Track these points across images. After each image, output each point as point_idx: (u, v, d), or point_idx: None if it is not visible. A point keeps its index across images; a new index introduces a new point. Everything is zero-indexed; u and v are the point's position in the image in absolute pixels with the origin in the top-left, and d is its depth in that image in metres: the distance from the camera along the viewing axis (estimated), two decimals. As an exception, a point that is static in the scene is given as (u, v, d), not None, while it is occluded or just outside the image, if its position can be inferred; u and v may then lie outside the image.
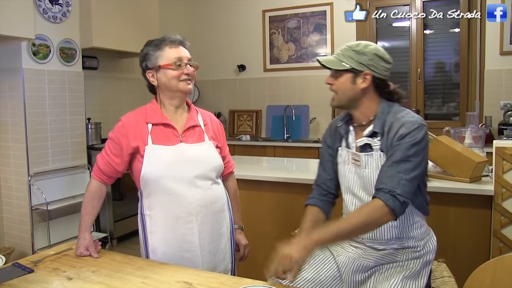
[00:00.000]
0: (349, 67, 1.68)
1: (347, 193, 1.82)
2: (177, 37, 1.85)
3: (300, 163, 3.56)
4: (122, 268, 1.64)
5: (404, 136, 1.59)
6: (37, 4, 3.59)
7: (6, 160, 3.72)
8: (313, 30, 5.34)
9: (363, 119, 1.74)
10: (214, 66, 5.88)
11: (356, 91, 1.70)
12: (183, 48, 1.85)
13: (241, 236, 2.12)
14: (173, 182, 1.78)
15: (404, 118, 1.64)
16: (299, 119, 5.34)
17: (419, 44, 4.90)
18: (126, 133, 1.81)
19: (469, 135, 2.76)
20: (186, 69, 1.81)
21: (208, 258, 1.85)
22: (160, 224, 1.82)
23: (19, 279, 1.56)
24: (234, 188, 2.13)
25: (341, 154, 1.83)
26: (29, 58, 3.58)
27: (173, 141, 1.81)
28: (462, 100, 4.78)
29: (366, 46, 1.69)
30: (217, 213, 1.89)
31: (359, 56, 1.67)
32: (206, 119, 1.96)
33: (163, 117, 1.84)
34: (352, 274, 1.70)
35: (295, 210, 2.76)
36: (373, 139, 1.69)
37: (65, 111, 3.90)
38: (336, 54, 1.74)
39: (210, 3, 5.92)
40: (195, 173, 1.80)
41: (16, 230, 3.73)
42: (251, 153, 4.87)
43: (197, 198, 1.80)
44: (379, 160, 1.67)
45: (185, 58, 1.82)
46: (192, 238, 1.81)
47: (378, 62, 1.68)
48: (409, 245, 1.69)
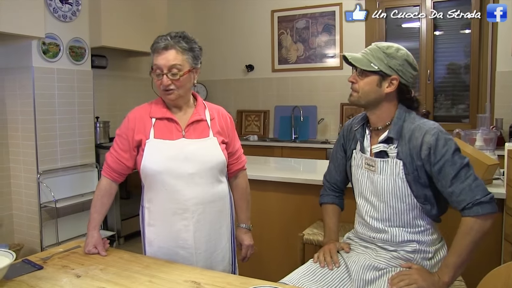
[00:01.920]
0: (378, 69, 1.64)
1: (359, 197, 1.82)
2: (162, 42, 1.73)
3: (307, 163, 3.55)
4: (130, 267, 1.64)
5: (440, 150, 1.56)
6: (48, 3, 3.60)
7: (16, 158, 3.74)
8: (322, 31, 5.33)
9: (380, 123, 1.72)
10: (222, 66, 5.89)
11: (379, 94, 1.67)
12: (168, 54, 1.72)
13: (246, 236, 2.05)
14: (170, 177, 1.76)
15: (426, 125, 1.62)
16: (307, 120, 5.33)
17: (429, 45, 4.86)
18: (132, 127, 1.82)
19: (480, 137, 2.73)
20: (162, 80, 1.73)
21: (204, 257, 1.82)
22: (157, 218, 1.83)
23: (28, 275, 1.57)
24: (244, 186, 2.06)
25: (355, 157, 1.83)
26: (39, 57, 3.60)
27: (175, 135, 1.79)
28: (472, 102, 4.74)
29: (398, 50, 1.66)
30: (217, 212, 1.86)
31: (390, 59, 1.64)
32: (213, 113, 1.90)
33: (167, 112, 1.82)
34: (362, 273, 1.68)
35: (302, 211, 2.75)
36: (389, 145, 1.67)
37: (74, 110, 3.91)
38: (364, 53, 1.70)
39: (219, 3, 5.93)
40: (194, 170, 1.77)
41: (25, 227, 3.76)
42: (259, 153, 4.86)
43: (194, 195, 1.78)
44: (394, 167, 1.65)
45: (164, 67, 1.72)
46: (187, 235, 1.79)
47: (407, 69, 1.65)
48: (421, 249, 1.67)
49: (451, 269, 1.55)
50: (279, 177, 2.84)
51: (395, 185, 1.66)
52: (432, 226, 1.71)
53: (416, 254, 1.67)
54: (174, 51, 1.73)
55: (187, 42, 1.77)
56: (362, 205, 1.79)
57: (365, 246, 1.78)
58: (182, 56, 1.74)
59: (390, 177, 1.66)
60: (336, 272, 1.74)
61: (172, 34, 1.76)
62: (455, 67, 4.96)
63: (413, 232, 1.68)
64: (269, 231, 2.91)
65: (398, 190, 1.66)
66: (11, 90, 3.69)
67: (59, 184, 3.75)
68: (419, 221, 1.68)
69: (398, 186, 1.65)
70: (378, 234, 1.72)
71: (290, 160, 4.03)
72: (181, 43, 1.74)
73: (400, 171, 1.63)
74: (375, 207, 1.72)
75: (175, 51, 1.73)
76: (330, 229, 1.95)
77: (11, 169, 3.78)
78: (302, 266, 1.82)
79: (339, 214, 1.99)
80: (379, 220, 1.72)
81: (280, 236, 2.88)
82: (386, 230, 1.70)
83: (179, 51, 1.74)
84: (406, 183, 1.64)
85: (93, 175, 4.09)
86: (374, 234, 1.74)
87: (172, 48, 1.73)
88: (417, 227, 1.68)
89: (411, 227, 1.68)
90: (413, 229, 1.68)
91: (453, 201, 1.57)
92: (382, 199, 1.70)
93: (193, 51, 1.78)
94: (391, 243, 1.70)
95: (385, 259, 1.68)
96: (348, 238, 1.91)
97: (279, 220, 2.88)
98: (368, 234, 1.77)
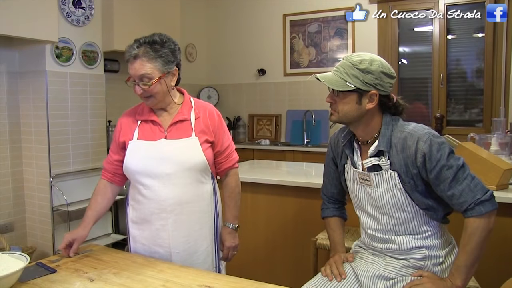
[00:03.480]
0: (354, 87, 1.58)
1: (359, 211, 1.80)
2: (130, 51, 1.74)
3: (319, 168, 3.50)
4: (143, 271, 1.64)
5: (434, 156, 1.52)
6: (61, 8, 3.63)
7: (29, 161, 3.76)
8: (334, 35, 5.31)
9: (367, 136, 1.68)
10: (234, 70, 5.89)
11: (361, 111, 1.62)
12: (136, 63, 1.73)
13: (229, 236, 2.00)
14: (148, 177, 1.80)
15: (416, 132, 1.58)
16: (319, 124, 5.31)
17: (442, 49, 4.82)
18: (119, 129, 1.90)
19: (495, 141, 2.70)
20: (134, 89, 1.80)
21: (183, 258, 1.83)
22: (139, 215, 1.87)
23: (42, 278, 1.57)
24: (233, 185, 2.02)
25: (348, 172, 1.79)
26: (52, 61, 3.63)
27: (157, 136, 1.83)
28: (486, 106, 4.68)
29: (371, 63, 1.58)
30: (197, 213, 1.86)
31: (365, 75, 1.57)
32: (199, 112, 1.89)
33: (151, 114, 1.86)
34: (372, 283, 1.65)
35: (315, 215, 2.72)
36: (380, 158, 1.63)
37: (87, 114, 3.93)
38: (337, 71, 1.63)
39: (231, 7, 5.94)
40: (171, 170, 1.79)
41: (37, 230, 3.77)
42: (270, 157, 4.85)
43: (171, 196, 1.80)
44: (389, 179, 1.62)
45: (135, 77, 1.75)
46: (165, 235, 1.83)
47: (384, 80, 1.59)
48: (431, 255, 1.64)
49: (462, 272, 1.53)
50: (292, 181, 2.83)
51: (394, 196, 1.63)
52: (440, 228, 1.68)
53: (427, 261, 1.64)
54: (140, 61, 1.73)
55: (155, 49, 1.75)
56: (364, 218, 1.77)
57: (374, 254, 1.76)
58: (151, 64, 1.74)
59: (387, 190, 1.63)
60: (346, 283, 1.71)
61: (141, 41, 1.76)
62: (468, 71, 4.92)
63: (421, 238, 1.65)
64: (281, 236, 2.89)
65: (398, 201, 1.63)
66: (25, 94, 3.72)
67: (71, 188, 3.77)
68: (425, 227, 1.65)
69: (397, 197, 1.62)
70: (385, 244, 1.70)
71: (302, 165, 4.01)
72: (148, 52, 1.73)
73: (397, 182, 1.60)
74: (377, 219, 1.70)
75: (141, 60, 1.73)
76: (335, 242, 1.92)
77: (24, 173, 3.81)
78: (312, 280, 1.79)
79: (342, 225, 1.96)
80: (384, 231, 1.69)
81: (293, 241, 2.86)
82: (393, 240, 1.68)
83: (145, 60, 1.73)
84: (405, 192, 1.61)
85: (105, 178, 4.10)
86: (381, 245, 1.71)
87: (139, 58, 1.73)
88: (424, 233, 1.65)
89: (417, 233, 1.65)
90: (420, 235, 1.65)
91: (454, 204, 1.55)
92: (383, 212, 1.67)
93: (162, 57, 1.76)
94: (400, 252, 1.67)
95: (395, 268, 1.66)
96: (357, 246, 1.90)
97: (291, 225, 2.86)
98: (375, 245, 1.74)
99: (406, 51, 5.15)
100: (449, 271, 1.62)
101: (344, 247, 1.93)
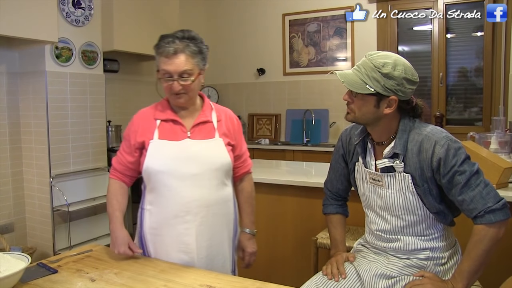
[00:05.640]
0: (374, 91, 1.53)
1: (368, 209, 1.79)
2: (170, 47, 1.65)
3: (319, 167, 3.52)
4: (145, 271, 1.64)
5: (449, 161, 1.51)
6: (61, 8, 3.63)
7: (29, 162, 3.76)
8: (333, 34, 5.31)
9: (383, 137, 1.65)
10: (233, 70, 5.90)
11: (378, 114, 1.58)
12: (178, 58, 1.66)
13: (249, 242, 1.98)
14: (173, 178, 1.71)
15: (434, 135, 1.56)
16: (318, 123, 5.31)
17: (441, 48, 4.82)
18: (135, 129, 1.80)
19: (495, 140, 2.71)
20: (172, 86, 1.69)
21: (205, 263, 1.76)
22: (158, 220, 1.77)
23: (43, 279, 1.57)
24: (249, 189, 2.01)
25: (359, 171, 1.77)
26: (52, 61, 3.63)
27: (180, 136, 1.75)
28: (486, 105, 4.69)
29: (395, 67, 1.52)
30: (220, 216, 1.80)
31: (386, 80, 1.51)
32: (220, 115, 1.86)
33: (172, 113, 1.79)
34: (374, 282, 1.65)
35: (315, 214, 2.73)
36: (394, 160, 1.60)
37: (86, 114, 3.93)
38: (358, 70, 1.57)
39: (230, 7, 5.93)
40: (198, 171, 1.72)
41: (38, 231, 3.77)
42: (270, 157, 4.85)
43: (197, 198, 1.72)
44: (402, 182, 1.60)
45: (175, 73, 1.67)
46: (189, 239, 1.73)
47: (406, 86, 1.54)
48: (434, 256, 1.64)
49: (465, 277, 1.52)
50: (292, 180, 2.83)
51: (405, 199, 1.62)
52: (446, 231, 1.68)
53: (429, 261, 1.64)
54: (184, 56, 1.67)
55: (196, 44, 1.71)
56: (371, 217, 1.76)
57: (376, 253, 1.76)
58: (192, 60, 1.69)
59: (399, 192, 1.62)
60: (348, 281, 1.71)
61: (179, 36, 1.69)
62: (467, 70, 4.92)
63: (426, 239, 1.65)
64: (282, 235, 2.89)
65: (409, 204, 1.62)
66: (25, 94, 3.72)
67: (71, 188, 3.77)
68: (431, 229, 1.65)
69: (409, 200, 1.61)
70: (390, 243, 1.70)
71: (302, 164, 4.01)
72: (190, 47, 1.68)
73: (410, 185, 1.59)
74: (386, 220, 1.69)
75: (185, 56, 1.67)
76: (336, 240, 1.91)
77: (24, 173, 3.81)
78: (314, 278, 1.79)
79: (344, 223, 1.95)
80: (390, 232, 1.69)
81: (293, 240, 2.86)
82: (398, 239, 1.67)
83: (189, 55, 1.68)
84: (417, 195, 1.60)
85: (105, 178, 4.09)
86: (386, 244, 1.71)
87: (182, 52, 1.67)
88: (430, 235, 1.65)
89: (424, 235, 1.65)
90: (426, 237, 1.65)
91: (464, 209, 1.54)
92: (392, 213, 1.66)
93: (202, 53, 1.73)
94: (403, 252, 1.67)
95: (398, 267, 1.66)
96: (359, 244, 1.89)
97: (292, 224, 2.87)
98: (379, 244, 1.74)
99: (405, 50, 5.15)
100: (451, 272, 1.62)
101: (345, 245, 1.93)
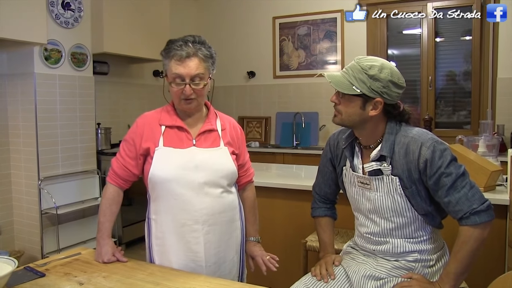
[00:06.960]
0: (360, 92, 1.56)
1: (358, 212, 1.80)
2: (183, 50, 1.65)
3: (309, 170, 3.53)
4: (134, 274, 1.63)
5: (436, 163, 1.53)
6: (50, 10, 3.61)
7: (17, 164, 3.73)
8: (323, 37, 5.34)
9: (370, 141, 1.67)
10: (224, 73, 5.88)
11: (364, 116, 1.60)
12: (191, 62, 1.66)
13: (257, 248, 1.96)
14: (180, 186, 1.69)
15: (420, 137, 1.58)
16: (308, 126, 5.33)
17: (430, 52, 4.87)
18: (140, 133, 1.76)
19: (482, 143, 2.73)
20: (184, 90, 1.67)
21: (213, 270, 1.76)
22: (165, 230, 1.75)
23: (30, 283, 1.55)
24: (252, 199, 2.00)
25: (346, 175, 1.78)
26: (41, 63, 3.60)
27: (185, 144, 1.74)
28: (474, 109, 4.74)
29: (381, 70, 1.55)
30: (226, 223, 1.79)
31: (372, 82, 1.55)
32: (225, 123, 1.86)
33: (177, 120, 1.77)
34: (363, 283, 1.67)
35: (305, 217, 2.73)
36: (381, 162, 1.62)
37: (76, 116, 3.91)
38: (345, 72, 1.62)
39: (221, 10, 5.94)
40: (205, 179, 1.71)
41: (25, 234, 3.74)
42: (260, 160, 4.85)
43: (205, 206, 1.71)
44: (390, 184, 1.62)
45: (187, 76, 1.65)
46: (198, 247, 1.73)
47: (392, 89, 1.57)
48: (422, 258, 1.66)
49: (452, 278, 1.54)
50: (281, 183, 2.83)
51: (394, 201, 1.63)
52: (434, 233, 1.70)
53: (418, 263, 1.66)
54: (197, 60, 1.67)
55: (207, 48, 1.72)
56: (361, 220, 1.77)
57: (365, 255, 1.77)
58: (205, 64, 1.70)
59: (387, 194, 1.63)
60: (337, 282, 1.72)
61: (190, 39, 1.69)
62: (456, 74, 4.97)
63: (415, 242, 1.67)
64: (271, 237, 2.89)
65: (397, 206, 1.63)
66: (13, 96, 3.69)
67: (60, 191, 3.74)
68: (420, 232, 1.66)
69: (397, 202, 1.63)
70: (379, 246, 1.71)
71: (291, 167, 4.02)
72: (202, 51, 1.68)
73: (398, 187, 1.61)
74: (375, 222, 1.70)
75: (199, 59, 1.67)
76: (325, 243, 1.93)
77: (12, 176, 3.77)
78: (303, 278, 1.80)
79: (332, 225, 1.97)
80: (380, 234, 1.70)
81: (282, 243, 2.86)
82: (387, 241, 1.69)
83: (201, 59, 1.68)
84: (405, 197, 1.61)
85: (94, 181, 4.08)
86: (375, 247, 1.72)
87: (195, 56, 1.67)
88: (419, 237, 1.67)
89: (413, 237, 1.67)
90: (415, 239, 1.67)
91: (450, 211, 1.56)
92: (381, 216, 1.68)
93: (212, 57, 1.74)
94: (392, 254, 1.68)
95: (386, 269, 1.67)
96: (348, 246, 1.90)
97: (281, 227, 2.87)
98: (368, 247, 1.75)
99: (395, 54, 5.19)
100: (439, 274, 1.64)
101: (334, 247, 1.94)
